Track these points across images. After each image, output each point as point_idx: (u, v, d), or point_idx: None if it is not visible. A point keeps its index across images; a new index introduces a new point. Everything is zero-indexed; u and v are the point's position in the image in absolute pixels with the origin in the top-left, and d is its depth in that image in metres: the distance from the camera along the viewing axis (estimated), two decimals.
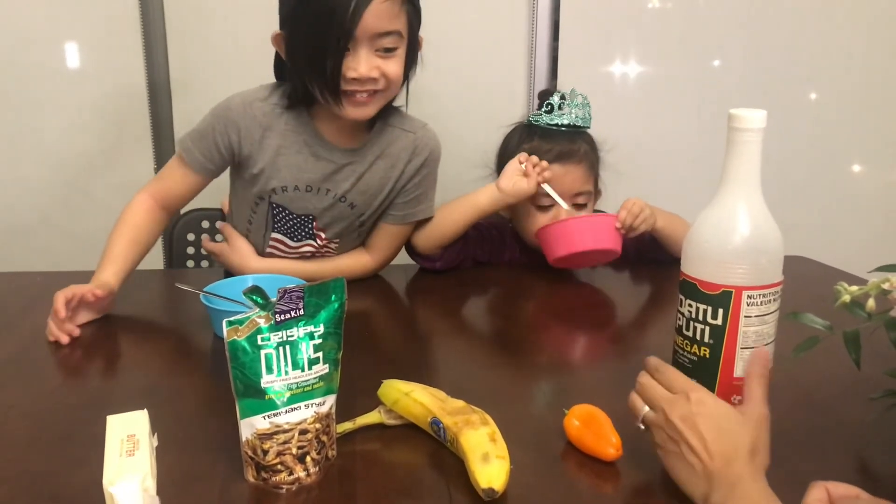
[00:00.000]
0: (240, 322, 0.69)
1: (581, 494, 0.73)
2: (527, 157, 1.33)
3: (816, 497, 0.62)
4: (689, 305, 0.78)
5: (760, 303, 0.75)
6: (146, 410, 0.72)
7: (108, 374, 1.02)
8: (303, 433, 0.71)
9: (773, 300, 0.76)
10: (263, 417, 0.70)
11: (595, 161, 1.41)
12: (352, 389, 0.82)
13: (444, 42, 1.51)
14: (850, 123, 2.03)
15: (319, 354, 0.72)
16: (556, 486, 0.73)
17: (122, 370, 1.04)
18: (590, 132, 1.42)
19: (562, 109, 1.37)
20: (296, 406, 0.71)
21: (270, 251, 1.33)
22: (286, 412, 0.71)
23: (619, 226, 1.29)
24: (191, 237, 1.60)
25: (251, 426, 0.70)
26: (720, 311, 0.75)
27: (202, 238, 1.59)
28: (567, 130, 1.38)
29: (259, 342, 0.69)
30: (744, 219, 0.75)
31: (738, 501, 0.62)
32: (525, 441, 0.78)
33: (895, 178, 2.10)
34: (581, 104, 1.38)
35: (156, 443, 0.70)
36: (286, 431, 0.70)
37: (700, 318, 0.77)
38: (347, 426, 0.80)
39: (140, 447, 0.66)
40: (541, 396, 0.95)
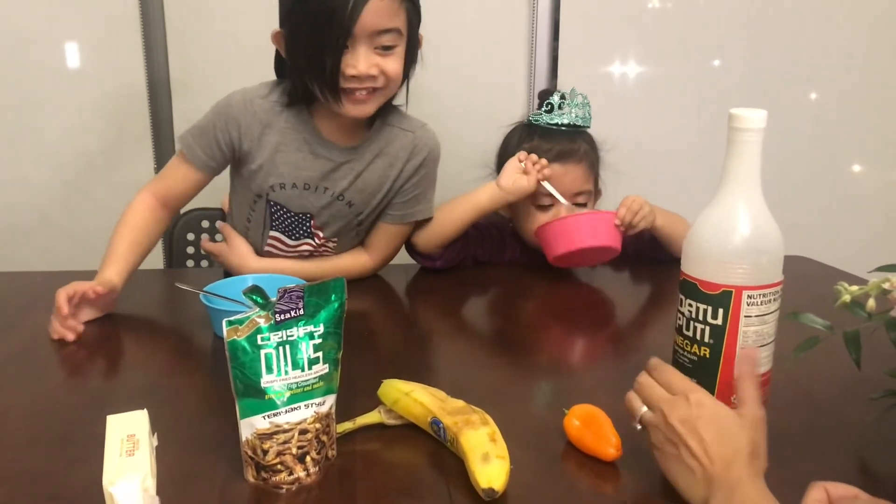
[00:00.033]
0: (240, 322, 0.69)
1: (581, 494, 0.73)
2: (526, 156, 1.33)
3: (816, 497, 0.62)
4: (690, 305, 0.78)
5: (760, 303, 0.75)
6: (146, 410, 0.72)
7: (108, 374, 1.02)
8: (303, 433, 0.71)
9: (774, 300, 0.76)
10: (263, 417, 0.70)
11: (595, 161, 1.41)
12: (352, 389, 0.82)
13: (444, 42, 1.51)
14: (850, 123, 2.03)
15: (319, 354, 0.72)
16: (556, 486, 0.73)
17: (122, 370, 1.04)
18: (590, 132, 1.42)
19: (562, 109, 1.37)
20: (296, 406, 0.71)
21: (269, 250, 1.33)
22: (286, 412, 0.71)
23: (619, 223, 1.29)
24: (191, 237, 1.60)
25: (251, 426, 0.70)
26: (720, 311, 0.75)
27: (201, 238, 1.59)
28: (567, 130, 1.38)
29: (259, 342, 0.69)
30: (744, 219, 0.75)
31: None
32: (525, 441, 0.78)
33: (895, 178, 2.10)
34: (581, 104, 1.38)
35: (156, 442, 0.70)
36: (286, 431, 0.70)
37: (700, 318, 0.77)
38: (347, 426, 0.80)
39: (140, 447, 0.66)
40: (541, 396, 0.95)
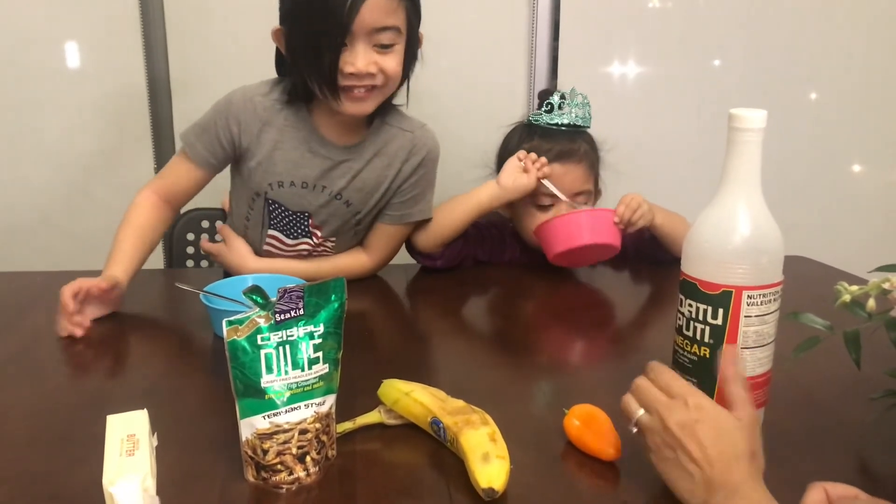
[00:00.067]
0: (240, 322, 0.69)
1: (581, 494, 0.73)
2: (526, 154, 1.34)
3: (815, 498, 0.62)
4: (690, 305, 0.78)
5: (761, 303, 0.75)
6: (146, 410, 0.72)
7: (108, 374, 1.02)
8: (303, 433, 0.71)
9: (774, 300, 0.76)
10: (263, 417, 0.70)
11: (595, 160, 1.41)
12: (352, 389, 0.82)
13: (444, 42, 1.51)
14: (850, 123, 2.03)
15: (319, 354, 0.72)
16: (557, 486, 0.73)
17: (122, 370, 1.04)
18: (590, 132, 1.42)
19: (562, 109, 1.37)
20: (296, 406, 0.71)
21: (268, 249, 1.33)
22: (286, 412, 0.71)
23: (618, 220, 1.29)
24: (190, 237, 1.60)
25: (251, 426, 0.70)
26: (720, 311, 0.75)
27: (201, 238, 1.59)
28: (567, 130, 1.38)
29: (259, 342, 0.69)
30: (744, 219, 0.75)
31: None
32: (525, 441, 0.78)
33: (895, 178, 2.10)
34: (581, 104, 1.38)
35: (156, 442, 0.70)
36: (286, 431, 0.70)
37: (700, 318, 0.77)
38: (347, 426, 0.80)
39: (140, 447, 0.66)
40: (541, 396, 0.95)
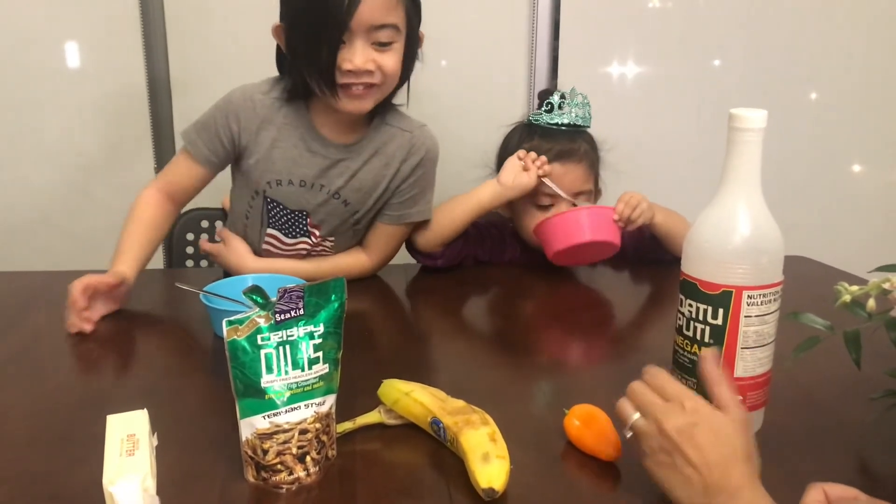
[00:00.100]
0: (240, 322, 0.69)
1: (581, 494, 0.73)
2: (525, 153, 1.34)
3: (814, 499, 0.62)
4: (690, 305, 0.78)
5: (761, 303, 0.75)
6: (146, 410, 0.72)
7: (108, 374, 1.02)
8: (303, 433, 0.71)
9: (774, 300, 0.76)
10: (263, 417, 0.70)
11: (595, 160, 1.41)
12: (352, 389, 0.82)
13: (445, 41, 1.51)
14: (850, 123, 2.03)
15: (319, 354, 0.72)
16: (557, 486, 0.73)
17: (122, 370, 1.04)
18: (590, 131, 1.42)
19: (562, 109, 1.37)
20: (296, 406, 0.71)
21: (266, 248, 1.33)
22: (286, 412, 0.71)
23: (617, 218, 1.29)
24: (190, 237, 1.60)
25: (251, 426, 0.70)
26: (720, 311, 0.75)
27: (200, 239, 1.59)
28: (567, 130, 1.38)
29: (259, 342, 0.69)
30: (744, 219, 0.75)
31: None
32: (525, 441, 0.78)
33: (895, 178, 2.10)
34: (581, 103, 1.38)
35: (156, 442, 0.70)
36: (286, 431, 0.70)
37: (700, 318, 0.77)
38: (347, 426, 0.80)
39: (140, 447, 0.66)
40: (541, 396, 0.95)
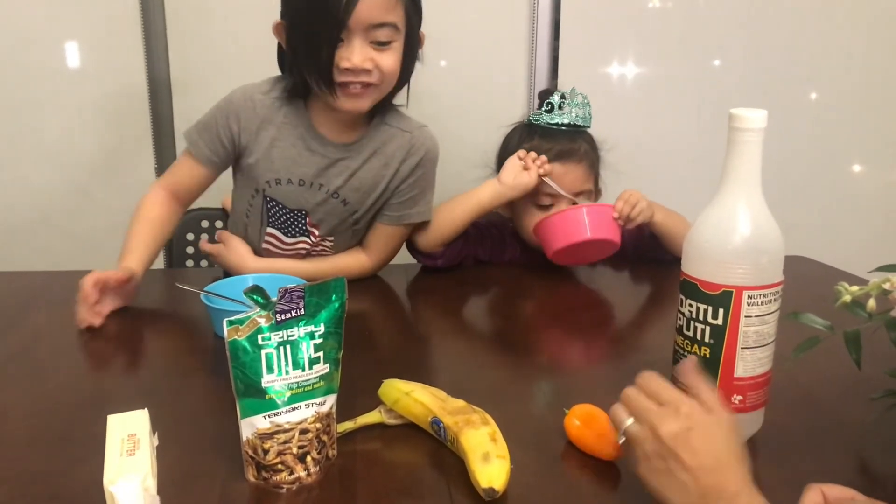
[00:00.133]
0: (240, 321, 0.69)
1: (581, 494, 0.73)
2: (525, 153, 1.34)
3: (812, 500, 0.62)
4: (690, 305, 0.78)
5: (761, 303, 0.75)
6: (146, 410, 0.72)
7: (108, 374, 1.02)
8: (303, 433, 0.71)
9: (774, 300, 0.76)
10: (264, 417, 0.70)
11: (595, 160, 1.41)
12: (352, 389, 0.82)
13: (444, 42, 1.51)
14: (850, 123, 2.03)
15: (320, 354, 0.72)
16: (557, 486, 0.73)
17: (122, 370, 1.04)
18: (590, 131, 1.42)
19: (562, 109, 1.37)
20: (296, 405, 0.71)
21: (266, 247, 1.33)
22: (287, 412, 0.71)
23: (617, 216, 1.29)
24: (190, 237, 1.60)
25: (252, 426, 0.70)
26: (721, 311, 0.75)
27: (200, 239, 1.59)
28: (567, 130, 1.38)
29: (259, 342, 0.69)
30: (744, 219, 0.75)
31: None
32: (525, 441, 0.78)
33: (895, 178, 2.10)
34: (581, 103, 1.38)
35: (156, 442, 0.70)
36: (287, 431, 0.70)
37: (700, 318, 0.77)
38: (348, 426, 0.80)
39: (140, 447, 0.66)
40: (541, 396, 0.95)
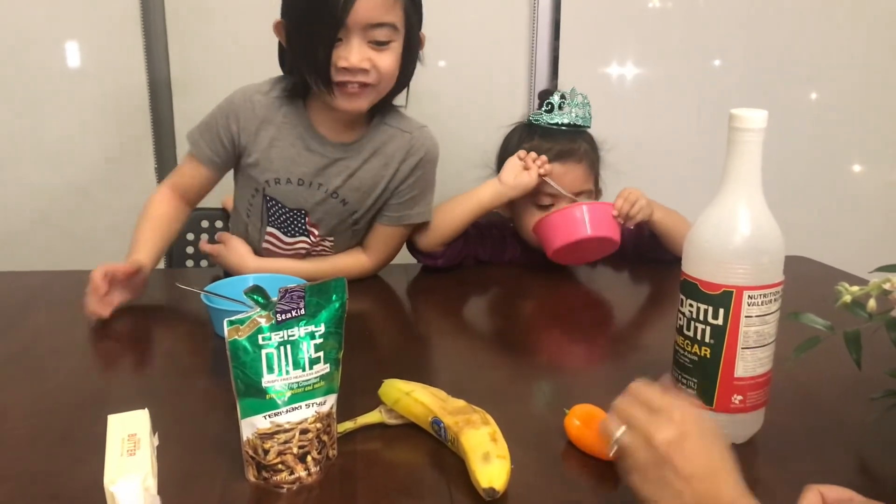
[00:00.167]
0: (241, 321, 0.69)
1: (581, 494, 0.73)
2: (526, 153, 1.34)
3: (810, 501, 0.62)
4: (690, 305, 0.78)
5: (761, 303, 0.75)
6: (147, 410, 0.72)
7: (108, 374, 1.02)
8: (304, 433, 0.71)
9: (774, 300, 0.76)
10: (264, 417, 0.70)
11: (595, 160, 1.41)
12: (352, 389, 0.82)
13: (444, 42, 1.51)
14: (850, 123, 2.03)
15: (320, 354, 0.72)
16: (557, 486, 0.73)
17: (123, 370, 1.04)
18: (590, 131, 1.42)
19: (562, 109, 1.37)
20: (297, 405, 0.71)
21: (266, 247, 1.33)
22: (287, 412, 0.71)
23: (616, 214, 1.29)
24: (190, 237, 1.60)
25: (252, 426, 0.70)
26: (721, 311, 0.75)
27: (200, 239, 1.59)
28: (567, 130, 1.38)
29: (260, 342, 0.69)
30: (744, 219, 0.75)
31: None
32: (526, 441, 0.78)
33: (895, 178, 2.10)
34: (581, 104, 1.38)
35: (156, 442, 0.70)
36: (287, 431, 0.70)
37: (701, 318, 0.77)
38: (348, 426, 0.80)
39: (141, 446, 0.66)
40: (541, 396, 0.95)
